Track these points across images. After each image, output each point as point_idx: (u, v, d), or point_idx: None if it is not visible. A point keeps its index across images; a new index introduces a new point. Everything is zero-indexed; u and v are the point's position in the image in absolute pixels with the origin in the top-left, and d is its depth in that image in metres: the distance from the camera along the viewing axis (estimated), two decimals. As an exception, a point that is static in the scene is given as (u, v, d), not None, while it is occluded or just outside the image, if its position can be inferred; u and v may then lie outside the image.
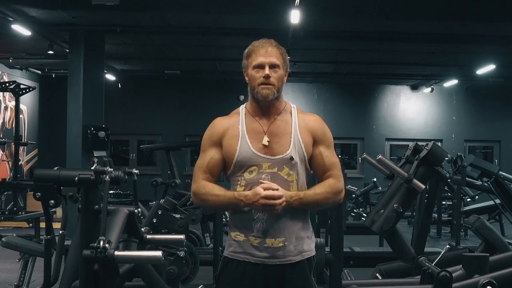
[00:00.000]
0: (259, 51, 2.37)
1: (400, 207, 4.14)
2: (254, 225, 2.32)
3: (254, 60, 2.37)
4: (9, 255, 5.53)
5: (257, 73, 2.36)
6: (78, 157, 8.95)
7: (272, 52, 2.37)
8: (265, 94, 2.35)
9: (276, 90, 2.36)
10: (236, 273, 2.35)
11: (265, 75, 2.34)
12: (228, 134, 2.38)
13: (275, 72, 2.36)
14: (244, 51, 2.44)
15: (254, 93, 2.38)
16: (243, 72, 2.45)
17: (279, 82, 2.37)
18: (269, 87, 2.35)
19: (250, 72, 2.39)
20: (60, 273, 3.67)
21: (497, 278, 3.47)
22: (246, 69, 2.42)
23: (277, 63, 2.37)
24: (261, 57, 2.36)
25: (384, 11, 7.91)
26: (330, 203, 2.41)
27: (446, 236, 9.59)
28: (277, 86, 2.37)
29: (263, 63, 2.35)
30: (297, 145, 2.37)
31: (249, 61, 2.40)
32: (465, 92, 14.87)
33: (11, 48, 10.70)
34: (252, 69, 2.38)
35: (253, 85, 2.38)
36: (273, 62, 2.36)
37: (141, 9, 7.99)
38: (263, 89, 2.35)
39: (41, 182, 2.63)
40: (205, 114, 11.93)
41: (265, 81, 2.34)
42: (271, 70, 2.35)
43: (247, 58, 2.41)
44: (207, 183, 2.36)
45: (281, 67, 2.39)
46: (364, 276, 4.65)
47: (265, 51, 2.36)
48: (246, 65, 2.41)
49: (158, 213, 4.79)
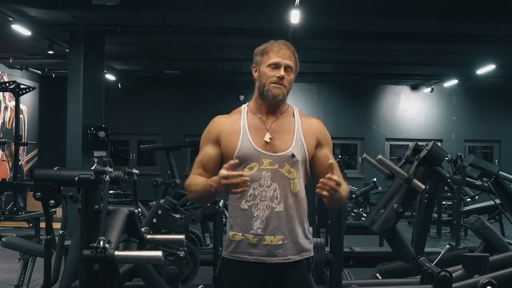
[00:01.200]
0: (278, 52, 2.38)
1: (400, 207, 4.14)
2: (253, 222, 2.32)
3: (270, 59, 2.38)
4: (9, 255, 5.53)
5: (271, 71, 2.37)
6: (78, 157, 8.96)
7: (289, 56, 2.39)
8: (276, 93, 2.36)
9: (286, 92, 2.39)
10: (235, 274, 2.35)
11: (281, 76, 2.36)
12: (227, 131, 2.38)
13: (288, 75, 2.38)
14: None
15: (264, 91, 2.38)
16: (252, 68, 2.45)
17: (289, 85, 2.40)
18: (281, 87, 2.36)
19: (263, 69, 2.39)
20: (60, 273, 3.67)
21: (497, 278, 3.47)
22: (259, 65, 2.42)
23: (292, 67, 2.39)
24: (279, 57, 2.37)
25: (384, 11, 7.91)
26: (343, 203, 2.49)
27: (446, 236, 9.59)
28: (288, 88, 2.39)
29: (280, 64, 2.37)
30: (299, 144, 2.37)
31: (264, 58, 2.40)
32: (465, 92, 14.86)
33: (11, 48, 10.70)
34: (266, 67, 2.38)
35: (264, 82, 2.38)
36: (289, 65, 2.38)
37: (141, 9, 7.99)
38: (274, 88, 2.36)
39: (41, 182, 2.64)
40: (205, 114, 11.87)
41: (278, 81, 2.36)
42: (285, 72, 2.37)
43: (261, 55, 2.42)
44: (197, 176, 2.37)
45: (294, 72, 2.41)
46: (364, 276, 4.65)
47: (284, 53, 2.38)
48: (260, 62, 2.41)
49: (158, 213, 4.79)
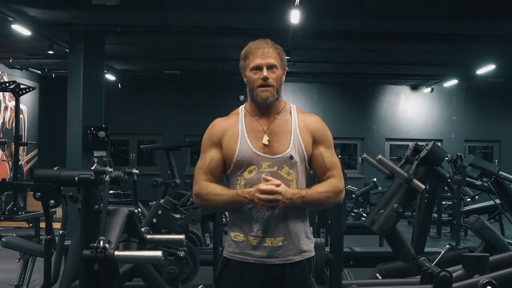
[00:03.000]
0: (256, 53, 2.36)
1: (400, 207, 4.13)
2: (254, 224, 2.32)
3: (251, 62, 2.36)
4: (9, 255, 5.53)
5: (255, 74, 2.35)
6: (78, 157, 8.96)
7: (269, 53, 2.36)
8: (265, 97, 2.35)
9: (275, 91, 2.36)
10: (236, 273, 2.35)
11: (263, 77, 2.33)
12: (227, 134, 2.38)
13: (273, 73, 2.36)
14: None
15: (254, 95, 2.37)
16: (241, 73, 2.44)
17: (277, 82, 2.37)
18: (268, 89, 2.34)
19: (248, 74, 2.38)
20: (60, 273, 3.67)
21: (497, 278, 3.47)
22: (244, 70, 2.41)
23: (274, 64, 2.36)
24: (258, 58, 2.35)
25: (384, 11, 7.91)
26: (331, 202, 2.40)
27: (446, 236, 9.59)
28: (276, 87, 2.36)
29: (261, 65, 2.34)
30: (297, 144, 2.37)
31: (247, 62, 2.39)
32: (465, 92, 14.86)
33: (11, 48, 10.70)
34: (250, 71, 2.37)
35: (252, 87, 2.37)
36: (270, 63, 2.35)
37: (141, 9, 7.99)
38: (262, 91, 2.34)
39: (41, 182, 2.64)
40: (205, 114, 11.98)
41: (264, 83, 2.34)
42: (269, 71, 2.35)
43: (244, 59, 2.41)
44: (209, 184, 2.35)
45: (279, 67, 2.38)
46: (364, 276, 4.65)
47: (262, 52, 2.35)
48: (244, 67, 2.41)
49: (158, 213, 4.78)
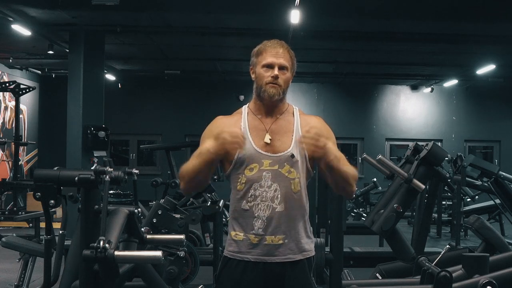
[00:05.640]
0: (271, 51, 2.38)
1: (400, 207, 4.13)
2: (254, 222, 2.33)
3: (264, 59, 2.38)
4: (9, 255, 5.53)
5: (266, 72, 2.37)
6: (78, 157, 8.96)
7: (283, 54, 2.38)
8: (272, 93, 2.36)
9: (282, 91, 2.38)
10: (236, 273, 2.35)
11: (274, 75, 2.35)
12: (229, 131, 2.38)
13: (283, 74, 2.38)
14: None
15: (261, 92, 2.38)
16: (250, 69, 2.45)
17: (285, 84, 2.39)
18: (276, 87, 2.36)
19: (258, 71, 2.39)
20: (60, 273, 3.67)
21: (497, 278, 3.47)
22: (254, 67, 2.42)
23: (286, 66, 2.38)
24: (272, 57, 2.37)
25: (384, 11, 7.91)
26: (349, 184, 2.34)
27: (446, 236, 9.59)
28: (284, 87, 2.38)
29: (274, 64, 2.36)
30: (299, 144, 2.37)
31: (259, 59, 2.40)
32: (465, 92, 14.87)
33: (11, 48, 10.71)
34: (261, 68, 2.39)
35: (260, 84, 2.38)
36: (282, 64, 2.37)
37: (141, 9, 8.00)
38: (270, 87, 2.36)
39: (41, 182, 2.64)
40: (205, 114, 11.96)
41: (273, 81, 2.36)
42: (280, 71, 2.37)
43: (256, 56, 2.42)
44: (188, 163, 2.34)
45: (289, 70, 2.40)
46: (364, 276, 4.65)
47: (276, 52, 2.38)
48: (255, 63, 2.42)
49: (158, 213, 4.78)
